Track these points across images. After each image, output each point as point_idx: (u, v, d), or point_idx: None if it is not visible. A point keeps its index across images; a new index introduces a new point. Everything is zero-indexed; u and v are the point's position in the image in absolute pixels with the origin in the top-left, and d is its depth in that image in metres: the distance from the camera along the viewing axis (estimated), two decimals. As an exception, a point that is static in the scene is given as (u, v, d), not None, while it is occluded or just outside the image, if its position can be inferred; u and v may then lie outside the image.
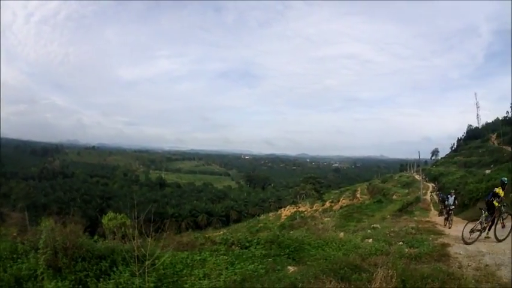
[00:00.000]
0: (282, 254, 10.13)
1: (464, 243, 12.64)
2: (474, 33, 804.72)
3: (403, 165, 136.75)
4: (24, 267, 7.43)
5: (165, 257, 8.04)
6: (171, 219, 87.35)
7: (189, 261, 8.88)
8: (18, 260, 7.82)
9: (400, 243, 13.27)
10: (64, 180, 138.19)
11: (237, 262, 9.17)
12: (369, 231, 20.29)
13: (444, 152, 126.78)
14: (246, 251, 10.54)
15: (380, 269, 6.64)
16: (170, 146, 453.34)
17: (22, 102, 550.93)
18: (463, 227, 13.98)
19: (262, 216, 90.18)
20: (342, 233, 16.34)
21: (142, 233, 8.17)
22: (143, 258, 7.15)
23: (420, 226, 20.54)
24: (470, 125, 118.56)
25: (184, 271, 8.26)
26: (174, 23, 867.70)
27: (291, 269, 8.67)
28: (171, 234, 12.93)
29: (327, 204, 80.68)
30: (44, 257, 7.29)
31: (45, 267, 7.24)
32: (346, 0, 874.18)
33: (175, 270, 8.22)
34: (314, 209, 77.22)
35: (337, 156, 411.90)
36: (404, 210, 39.55)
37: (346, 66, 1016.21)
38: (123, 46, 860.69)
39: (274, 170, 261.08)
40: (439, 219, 26.03)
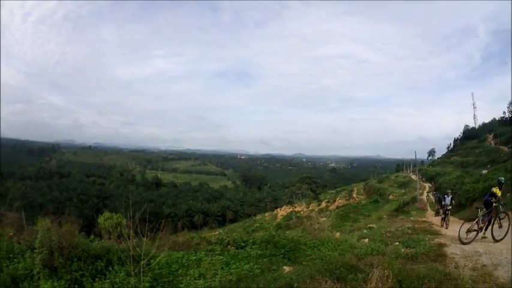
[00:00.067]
0: (277, 254, 10.13)
1: (461, 243, 12.59)
2: (471, 33, 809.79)
3: (400, 165, 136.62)
4: (20, 266, 7.45)
5: (161, 256, 8.06)
6: (167, 219, 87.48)
7: (184, 261, 8.88)
8: (15, 259, 7.85)
9: (397, 243, 13.22)
10: (61, 180, 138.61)
11: (232, 262, 9.17)
12: (365, 231, 20.27)
13: (441, 152, 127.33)
14: (241, 251, 10.55)
15: (376, 269, 6.64)
16: (166, 145, 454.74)
17: (19, 102, 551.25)
18: (459, 227, 13.97)
19: (259, 216, 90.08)
20: (338, 233, 16.31)
21: (137, 233, 8.17)
22: (138, 258, 7.17)
23: (416, 226, 20.50)
24: (467, 125, 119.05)
25: (180, 271, 8.26)
26: (171, 22, 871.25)
27: (287, 269, 8.66)
28: (166, 234, 12.93)
29: (323, 204, 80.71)
30: (40, 256, 7.33)
31: (41, 266, 7.29)
32: (343, 0, 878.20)
33: (171, 270, 8.22)
34: (310, 209, 77.22)
35: (333, 156, 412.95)
36: (401, 210, 39.59)
37: (343, 66, 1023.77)
38: (120, 46, 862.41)
39: (270, 170, 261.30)
40: (436, 219, 26.03)
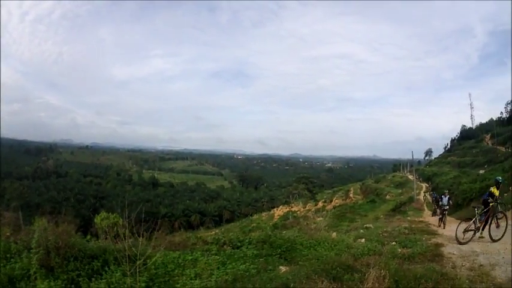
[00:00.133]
0: (273, 254, 10.09)
1: (458, 243, 12.55)
2: (469, 34, 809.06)
3: (397, 166, 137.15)
4: (17, 266, 7.47)
5: (157, 256, 8.03)
6: (164, 219, 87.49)
7: (180, 261, 8.83)
8: (12, 259, 7.86)
9: (393, 243, 13.21)
10: (58, 180, 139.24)
11: (228, 262, 9.14)
12: (362, 231, 20.25)
13: (438, 152, 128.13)
14: (237, 250, 10.51)
15: (372, 269, 6.60)
16: (163, 145, 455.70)
17: (16, 102, 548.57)
18: (456, 226, 13.94)
19: (255, 216, 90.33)
20: (335, 233, 16.28)
21: (134, 233, 8.14)
22: (134, 258, 7.16)
23: (413, 226, 20.52)
24: (464, 126, 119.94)
25: (176, 271, 8.23)
26: (168, 22, 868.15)
27: (283, 269, 8.63)
28: (162, 234, 12.88)
29: (320, 204, 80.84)
30: (36, 256, 7.33)
31: (37, 266, 7.29)
32: (340, 0, 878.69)
33: (167, 270, 8.21)
34: (307, 208, 77.33)
35: (330, 156, 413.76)
36: (398, 210, 39.70)
37: (340, 66, 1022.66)
38: (117, 45, 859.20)
39: (267, 169, 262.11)
40: (433, 219, 26.09)
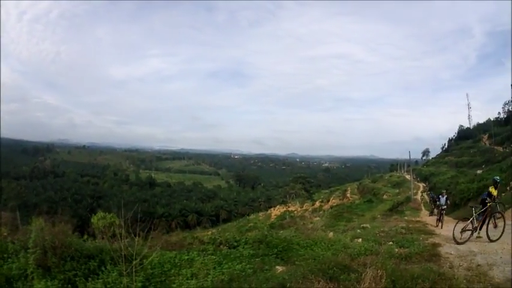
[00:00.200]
0: (270, 253, 10.04)
1: (456, 243, 12.53)
2: (467, 34, 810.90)
3: (394, 165, 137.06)
4: (14, 266, 7.50)
5: (153, 256, 8.02)
6: (161, 219, 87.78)
7: (177, 261, 8.82)
8: (9, 259, 7.91)
9: (390, 243, 13.18)
10: (55, 180, 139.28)
11: (224, 262, 9.09)
12: (359, 231, 20.20)
13: (435, 152, 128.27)
14: (234, 250, 10.47)
15: (369, 269, 6.57)
16: (160, 145, 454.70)
17: (13, 101, 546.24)
18: (453, 226, 13.92)
19: (252, 216, 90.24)
20: (331, 233, 16.26)
21: (130, 233, 8.16)
22: (131, 258, 7.15)
23: (411, 226, 20.48)
24: (461, 126, 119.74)
25: (172, 271, 8.22)
26: (166, 22, 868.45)
27: (279, 268, 8.58)
28: (159, 233, 12.90)
29: (317, 204, 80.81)
30: (33, 256, 7.40)
31: (34, 266, 7.33)
32: (337, 0, 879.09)
33: (163, 269, 8.20)
34: (304, 208, 77.36)
35: (327, 156, 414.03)
36: (395, 210, 39.72)
37: (338, 66, 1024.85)
38: (115, 45, 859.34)
39: (263, 169, 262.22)
40: (430, 219, 26.10)
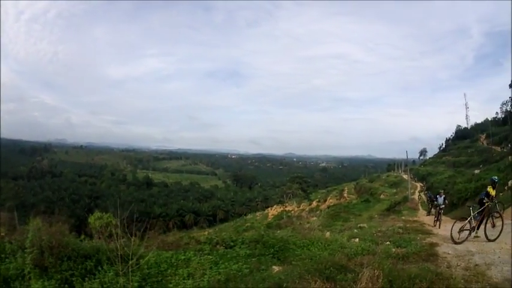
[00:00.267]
0: (266, 253, 10.07)
1: (454, 242, 12.51)
2: (465, 34, 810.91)
3: (391, 165, 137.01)
4: (11, 266, 7.58)
5: (149, 256, 8.08)
6: (159, 219, 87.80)
7: (173, 261, 8.86)
8: (6, 259, 7.97)
9: (387, 242, 13.18)
10: (53, 180, 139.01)
11: (221, 262, 9.12)
12: (356, 230, 20.18)
13: (432, 152, 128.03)
14: (230, 250, 10.52)
15: (366, 269, 6.57)
16: (157, 145, 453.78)
17: (11, 101, 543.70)
18: (451, 226, 13.90)
19: (249, 216, 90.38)
20: (328, 233, 16.27)
21: (127, 233, 8.12)
22: (127, 258, 7.16)
23: (408, 226, 20.47)
24: (459, 125, 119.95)
25: (169, 271, 8.28)
26: (164, 22, 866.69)
27: (276, 268, 8.59)
28: (155, 233, 12.88)
29: (314, 203, 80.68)
30: (30, 256, 7.43)
31: (31, 266, 7.39)
32: (335, 0, 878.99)
33: (160, 269, 8.26)
34: (301, 208, 77.30)
35: (324, 156, 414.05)
36: (392, 209, 39.59)
37: (335, 66, 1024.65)
38: (112, 45, 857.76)
39: (261, 169, 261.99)
40: (427, 218, 26.08)
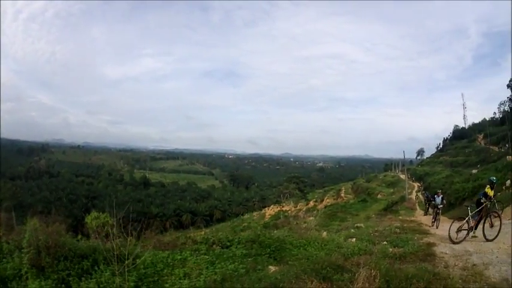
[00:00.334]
0: (263, 253, 10.02)
1: (452, 242, 12.52)
2: (463, 34, 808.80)
3: (388, 165, 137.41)
4: (9, 266, 7.60)
5: (145, 256, 8.08)
6: (156, 219, 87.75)
7: (169, 261, 8.84)
8: (4, 259, 8.00)
9: (384, 242, 13.15)
10: (50, 180, 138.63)
11: (217, 262, 9.07)
12: (353, 230, 20.19)
13: (430, 152, 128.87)
14: (226, 250, 10.45)
15: (363, 269, 6.54)
16: (154, 145, 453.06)
17: (8, 101, 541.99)
18: (449, 226, 13.90)
19: (247, 216, 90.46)
20: (325, 233, 16.24)
21: (123, 233, 8.15)
22: (124, 258, 7.16)
23: (405, 225, 20.51)
24: (456, 125, 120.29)
25: (165, 270, 8.25)
26: (160, 22, 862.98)
27: (272, 268, 8.54)
28: (151, 233, 12.87)
29: (311, 203, 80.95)
30: (27, 256, 7.43)
31: (28, 266, 7.38)
32: (333, 0, 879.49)
33: (156, 269, 8.22)
34: (298, 208, 77.37)
35: (321, 156, 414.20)
36: (389, 209, 39.68)
37: (332, 66, 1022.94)
38: (109, 45, 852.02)
39: (257, 169, 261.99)
40: (425, 218, 26.15)
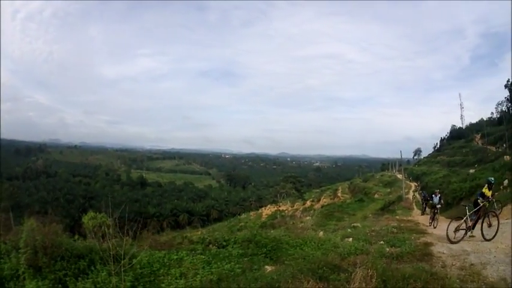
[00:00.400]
0: (259, 253, 10.05)
1: (450, 242, 12.49)
2: (460, 35, 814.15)
3: (385, 165, 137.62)
4: (6, 267, 7.65)
5: (142, 256, 8.13)
6: (153, 219, 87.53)
7: (166, 261, 8.86)
8: (1, 260, 8.03)
9: (381, 242, 13.11)
10: (47, 180, 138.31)
11: (213, 261, 9.10)
12: (349, 230, 20.09)
13: (427, 151, 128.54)
14: (223, 250, 10.51)
15: (359, 268, 6.52)
16: (151, 144, 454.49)
17: (6, 101, 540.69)
18: (447, 225, 13.87)
19: (243, 216, 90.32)
20: (322, 232, 16.22)
21: (119, 233, 8.16)
22: (120, 258, 7.14)
23: (402, 225, 20.42)
24: (454, 125, 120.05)
25: (161, 270, 8.29)
26: (157, 21, 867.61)
27: (268, 268, 8.54)
28: (148, 233, 12.86)
29: (308, 203, 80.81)
30: (24, 256, 7.49)
31: (25, 266, 7.45)
32: (329, 0, 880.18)
33: (152, 269, 8.26)
34: (295, 208, 77.37)
35: (318, 156, 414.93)
36: (386, 209, 39.60)
37: (329, 66, 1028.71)
38: (107, 44, 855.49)
39: (254, 169, 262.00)
40: (422, 218, 26.10)
